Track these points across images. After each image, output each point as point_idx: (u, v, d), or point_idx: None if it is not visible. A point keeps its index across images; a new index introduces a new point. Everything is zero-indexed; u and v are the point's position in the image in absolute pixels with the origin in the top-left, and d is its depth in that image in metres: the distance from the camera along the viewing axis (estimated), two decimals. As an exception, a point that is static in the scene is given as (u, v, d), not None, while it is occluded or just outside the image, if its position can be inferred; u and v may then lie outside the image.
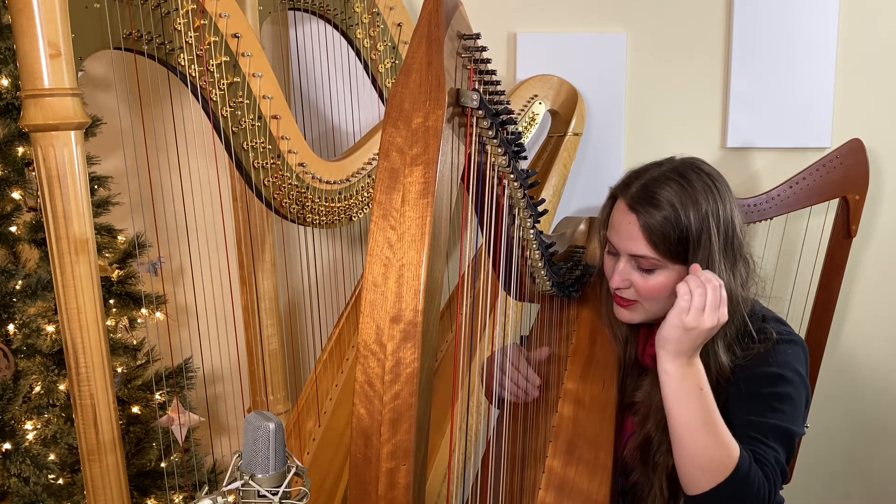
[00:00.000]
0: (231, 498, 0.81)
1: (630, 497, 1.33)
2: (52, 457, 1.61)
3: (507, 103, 0.98)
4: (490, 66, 0.93)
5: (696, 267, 1.14)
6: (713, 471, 1.08)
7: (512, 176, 1.06)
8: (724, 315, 1.09)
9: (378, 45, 1.74)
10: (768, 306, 1.34)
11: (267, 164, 1.40)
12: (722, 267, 1.20)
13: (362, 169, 1.61)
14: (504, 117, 0.96)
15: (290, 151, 1.42)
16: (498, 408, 1.35)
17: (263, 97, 1.36)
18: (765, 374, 1.20)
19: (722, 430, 1.10)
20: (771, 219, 1.80)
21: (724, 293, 1.10)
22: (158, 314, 1.82)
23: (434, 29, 0.81)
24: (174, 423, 1.59)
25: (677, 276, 1.21)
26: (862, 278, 2.07)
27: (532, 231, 1.21)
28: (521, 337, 1.50)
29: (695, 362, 1.12)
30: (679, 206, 1.19)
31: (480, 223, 1.05)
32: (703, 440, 1.09)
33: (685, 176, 1.22)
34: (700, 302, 1.08)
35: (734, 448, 1.09)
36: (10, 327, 1.60)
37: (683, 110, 2.02)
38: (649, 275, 1.23)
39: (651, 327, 1.38)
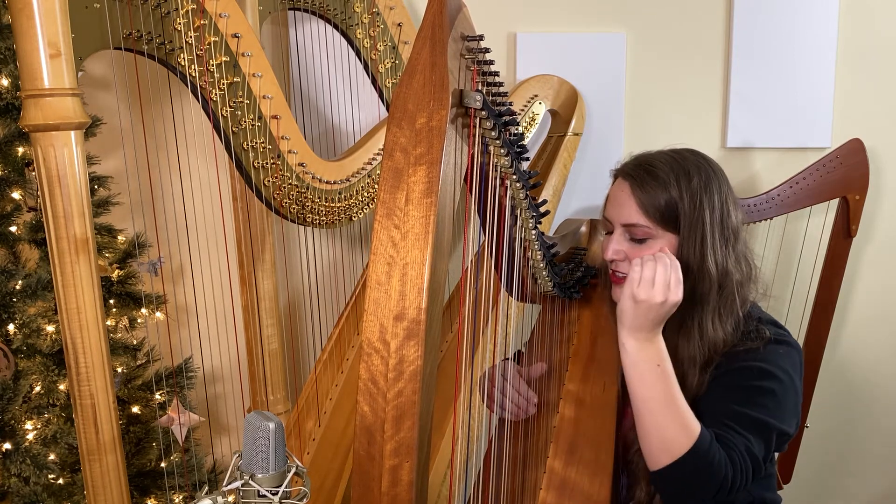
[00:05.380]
0: (231, 498, 0.81)
1: (626, 473, 1.34)
2: (52, 457, 1.61)
3: (510, 104, 0.98)
4: (493, 68, 0.93)
5: (664, 249, 1.18)
6: (670, 449, 1.10)
7: (514, 177, 1.06)
8: (675, 294, 1.10)
9: (378, 45, 1.74)
10: (768, 306, 1.35)
11: (267, 164, 1.40)
12: (716, 244, 1.21)
13: (362, 169, 1.61)
14: (507, 118, 0.96)
15: (290, 151, 1.42)
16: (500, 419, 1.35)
17: (263, 97, 1.35)
18: (751, 367, 1.21)
19: (682, 410, 1.11)
20: (771, 219, 1.80)
21: (679, 275, 1.12)
22: (158, 314, 1.82)
23: (438, 30, 0.81)
24: (174, 423, 1.59)
25: (669, 247, 1.23)
26: (862, 278, 2.07)
27: (534, 232, 1.21)
28: (517, 352, 1.50)
29: (655, 339, 1.13)
30: (671, 173, 1.23)
31: (483, 223, 1.05)
32: (660, 417, 1.11)
33: (680, 153, 1.27)
34: (649, 274, 1.09)
35: (694, 429, 1.10)
36: (10, 327, 1.59)
37: (683, 110, 2.02)
38: (642, 245, 1.25)
39: None
